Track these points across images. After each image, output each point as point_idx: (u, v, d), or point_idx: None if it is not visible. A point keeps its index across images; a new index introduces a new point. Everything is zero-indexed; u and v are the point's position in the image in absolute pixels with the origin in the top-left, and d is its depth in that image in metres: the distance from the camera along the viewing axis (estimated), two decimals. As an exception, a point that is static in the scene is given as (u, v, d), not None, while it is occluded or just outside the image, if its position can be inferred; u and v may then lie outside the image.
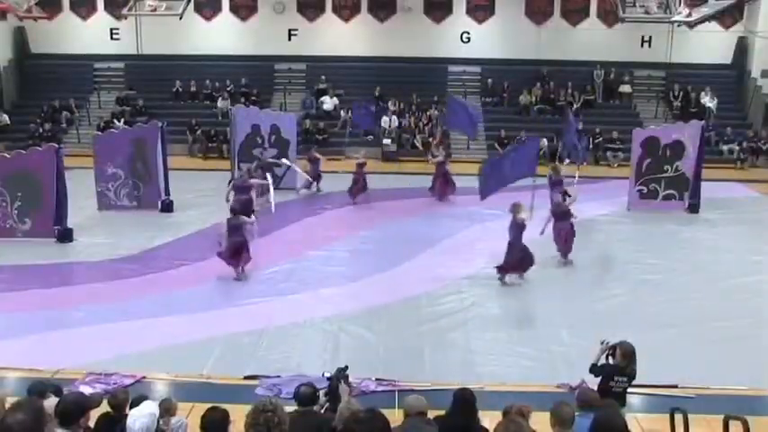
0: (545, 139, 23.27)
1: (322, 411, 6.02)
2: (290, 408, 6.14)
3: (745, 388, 8.75)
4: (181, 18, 23.05)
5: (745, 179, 21.31)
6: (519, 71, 25.76)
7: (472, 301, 11.81)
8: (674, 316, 11.23)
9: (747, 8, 24.78)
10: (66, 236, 14.69)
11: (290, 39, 26.18)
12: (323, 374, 7.25)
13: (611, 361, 7.08)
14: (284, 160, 18.20)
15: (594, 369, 7.10)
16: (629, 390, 7.14)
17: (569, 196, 14.32)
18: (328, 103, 25.01)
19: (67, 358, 9.22)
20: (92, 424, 5.57)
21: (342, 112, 24.57)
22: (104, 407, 6.11)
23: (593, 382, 7.15)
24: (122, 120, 23.84)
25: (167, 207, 16.91)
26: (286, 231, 15.75)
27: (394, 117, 24.49)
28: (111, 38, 26.10)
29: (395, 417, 5.80)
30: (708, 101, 24.68)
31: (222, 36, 26.12)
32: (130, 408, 5.87)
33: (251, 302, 11.61)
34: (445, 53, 26.03)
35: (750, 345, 10.15)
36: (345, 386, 6.33)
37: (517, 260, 12.44)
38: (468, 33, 26.17)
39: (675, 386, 8.62)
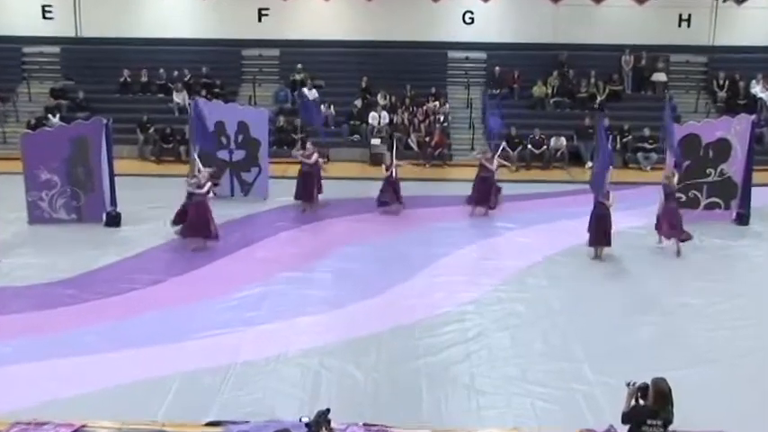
0: (563, 138, 23.53)
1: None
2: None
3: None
4: (129, -6, 23.17)
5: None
6: (532, 57, 25.93)
7: (477, 331, 11.84)
8: (720, 348, 11.28)
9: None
10: (-10, 255, 14.66)
11: (260, 19, 26.29)
12: (300, 419, 7.30)
13: (641, 402, 7.13)
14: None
15: (625, 416, 7.14)
16: (666, 438, 7.18)
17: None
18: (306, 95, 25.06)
19: (-10, 403, 9.19)
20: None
21: (323, 106, 24.64)
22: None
23: (624, 428, 7.20)
24: (58, 115, 23.82)
25: (113, 220, 16.88)
26: (255, 248, 15.74)
27: (384, 113, 24.58)
28: (44, 17, 26.15)
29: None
30: (759, 91, 24.88)
31: (179, 16, 26.21)
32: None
33: (213, 334, 11.59)
34: (444, 36, 26.20)
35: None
36: (327, 433, 6.36)
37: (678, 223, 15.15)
38: (472, 13, 26.32)
39: (722, 433, 8.66)
